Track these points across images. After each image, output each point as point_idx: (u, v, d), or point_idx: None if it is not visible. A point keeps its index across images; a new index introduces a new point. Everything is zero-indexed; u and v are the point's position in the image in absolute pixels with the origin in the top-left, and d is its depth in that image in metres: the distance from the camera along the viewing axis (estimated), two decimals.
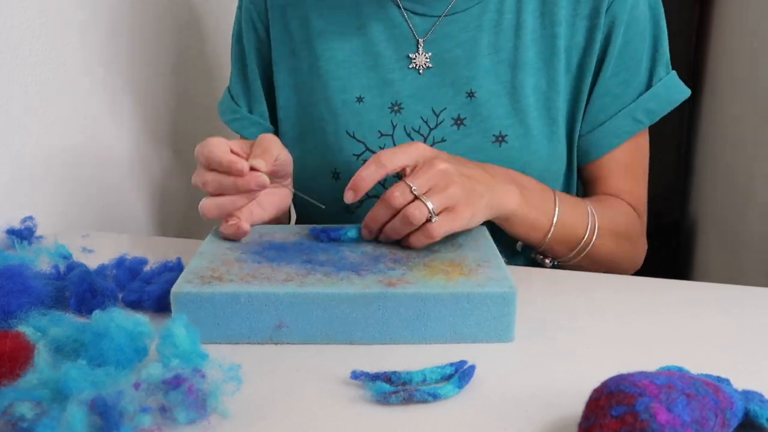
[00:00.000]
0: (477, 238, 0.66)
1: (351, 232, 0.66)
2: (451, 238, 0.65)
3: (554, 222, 0.72)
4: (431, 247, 0.63)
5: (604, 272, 0.75)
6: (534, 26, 0.79)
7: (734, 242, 1.31)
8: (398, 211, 0.61)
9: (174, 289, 0.55)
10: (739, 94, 1.37)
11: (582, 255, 0.76)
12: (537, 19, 0.79)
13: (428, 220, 0.61)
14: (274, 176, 0.71)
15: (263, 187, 0.64)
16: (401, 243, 0.64)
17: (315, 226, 0.70)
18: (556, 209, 0.73)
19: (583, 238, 0.75)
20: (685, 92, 0.82)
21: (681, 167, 1.76)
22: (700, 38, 1.66)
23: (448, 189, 0.61)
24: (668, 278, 0.69)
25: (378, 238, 0.66)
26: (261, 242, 0.66)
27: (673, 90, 0.81)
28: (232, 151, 0.65)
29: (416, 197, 0.61)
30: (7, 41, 0.79)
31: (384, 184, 0.82)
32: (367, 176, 0.62)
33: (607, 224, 0.77)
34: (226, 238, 0.66)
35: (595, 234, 0.75)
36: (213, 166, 0.64)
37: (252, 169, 0.63)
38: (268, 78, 0.90)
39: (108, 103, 0.98)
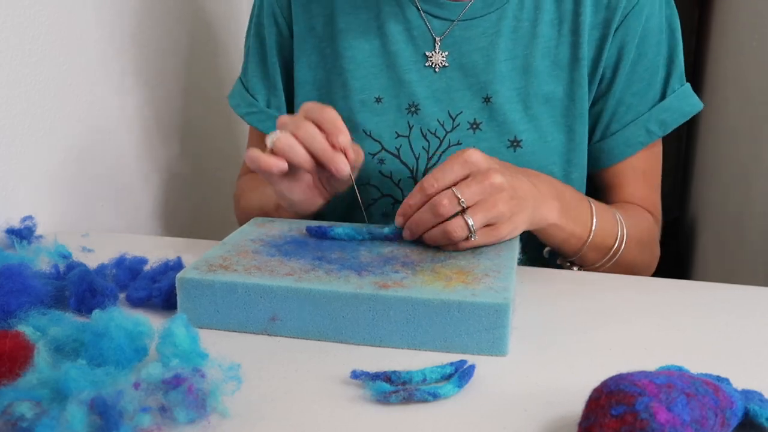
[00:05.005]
0: (501, 247, 0.64)
1: (339, 230, 0.66)
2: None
3: (591, 233, 0.72)
4: (448, 253, 0.62)
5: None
6: (551, 35, 0.79)
7: (734, 242, 1.31)
8: (441, 221, 0.60)
9: (179, 274, 0.57)
10: (739, 94, 1.37)
11: (610, 263, 0.76)
12: (554, 28, 0.79)
13: (467, 237, 0.60)
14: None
15: (340, 173, 0.65)
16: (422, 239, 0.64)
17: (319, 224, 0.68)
18: (594, 220, 0.72)
19: (613, 246, 0.75)
20: (698, 105, 0.82)
21: (681, 167, 1.76)
22: (700, 38, 1.67)
23: (496, 206, 0.60)
24: (668, 278, 0.69)
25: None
26: (285, 236, 0.67)
27: (686, 102, 0.81)
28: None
29: (462, 210, 0.59)
30: (7, 41, 0.79)
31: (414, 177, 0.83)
32: (414, 204, 0.62)
33: (632, 232, 0.77)
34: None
35: (624, 242, 0.75)
36: (317, 121, 0.65)
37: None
38: (287, 73, 0.90)
39: (107, 103, 0.98)
